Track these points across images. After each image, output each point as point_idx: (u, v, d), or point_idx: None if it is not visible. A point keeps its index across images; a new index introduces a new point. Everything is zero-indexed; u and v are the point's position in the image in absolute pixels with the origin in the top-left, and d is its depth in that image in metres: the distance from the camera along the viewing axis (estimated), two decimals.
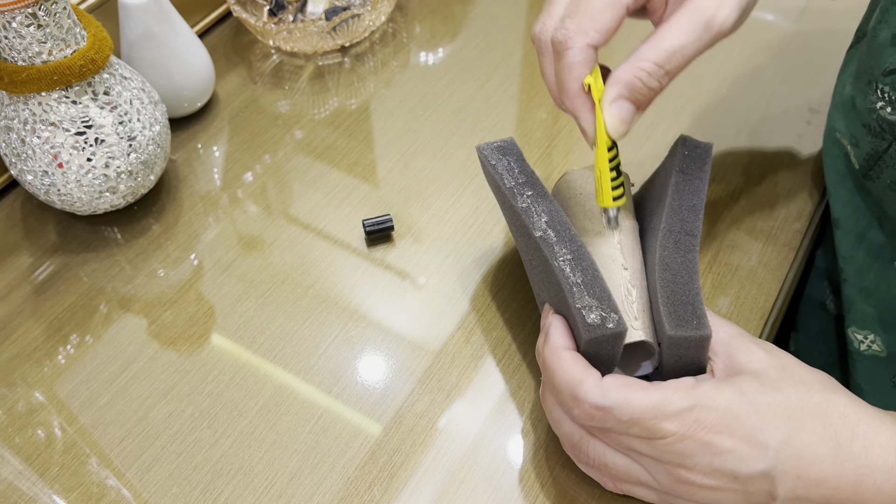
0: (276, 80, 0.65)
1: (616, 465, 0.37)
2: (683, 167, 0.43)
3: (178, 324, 0.50)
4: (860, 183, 0.51)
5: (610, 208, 0.41)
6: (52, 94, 0.46)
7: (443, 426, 0.45)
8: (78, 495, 0.43)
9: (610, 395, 0.35)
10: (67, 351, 0.49)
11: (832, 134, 0.53)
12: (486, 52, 0.67)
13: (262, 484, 0.43)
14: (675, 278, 0.38)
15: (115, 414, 0.46)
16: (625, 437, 0.36)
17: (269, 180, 0.58)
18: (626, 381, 0.36)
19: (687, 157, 0.43)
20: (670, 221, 0.41)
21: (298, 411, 0.45)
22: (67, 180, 0.48)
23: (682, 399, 0.34)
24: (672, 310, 0.37)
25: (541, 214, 0.41)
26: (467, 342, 0.48)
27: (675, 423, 0.34)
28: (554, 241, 0.40)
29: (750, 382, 0.35)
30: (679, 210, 0.41)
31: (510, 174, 0.43)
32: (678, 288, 0.38)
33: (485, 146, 0.45)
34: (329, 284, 0.51)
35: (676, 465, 0.35)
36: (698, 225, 0.40)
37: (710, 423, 0.34)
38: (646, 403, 0.34)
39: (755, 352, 0.37)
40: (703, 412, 0.34)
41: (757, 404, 0.34)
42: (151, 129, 0.51)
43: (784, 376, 0.36)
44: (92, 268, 0.53)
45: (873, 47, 0.46)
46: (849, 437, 0.34)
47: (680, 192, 0.42)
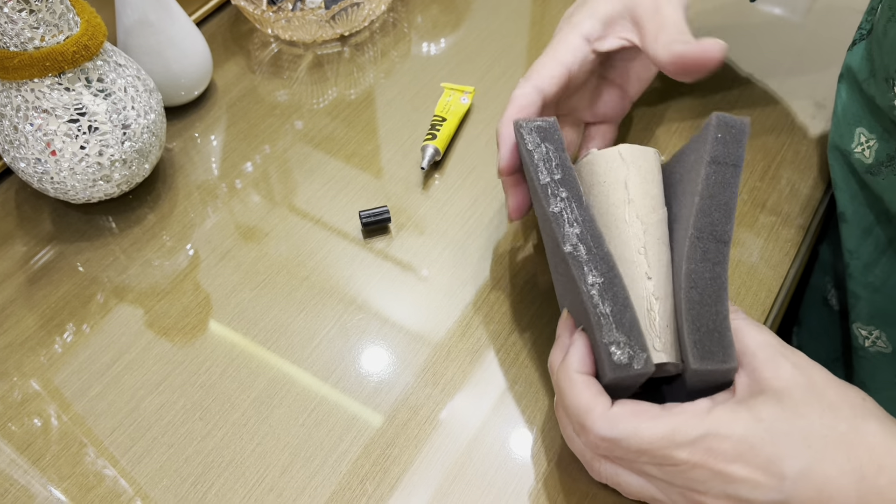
0: (275, 69, 0.65)
1: (630, 484, 0.37)
2: (716, 155, 0.38)
3: (172, 314, 0.49)
4: (864, 179, 0.50)
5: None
6: (45, 80, 0.46)
7: (438, 421, 0.44)
8: (69, 485, 0.42)
9: (618, 425, 0.34)
10: (60, 340, 0.48)
11: (838, 129, 0.52)
12: (488, 43, 0.66)
13: (253, 477, 0.42)
14: (703, 299, 0.36)
15: (106, 405, 0.45)
16: (636, 463, 0.35)
17: (266, 170, 0.57)
18: (636, 410, 0.34)
19: (720, 142, 0.39)
20: (699, 225, 0.37)
21: (291, 404, 0.45)
22: (61, 168, 0.48)
23: (694, 427, 0.33)
24: (697, 338, 0.35)
25: (573, 224, 0.38)
26: (464, 335, 0.48)
27: (687, 452, 0.33)
28: (585, 261, 0.37)
29: (770, 407, 0.33)
30: (709, 211, 0.37)
31: (546, 166, 0.39)
32: (704, 311, 0.36)
33: (524, 123, 0.41)
34: (325, 276, 0.51)
35: (691, 490, 0.34)
36: (729, 228, 0.37)
37: (723, 452, 0.33)
38: (655, 434, 0.33)
39: (782, 367, 0.35)
40: (717, 441, 0.33)
41: (775, 432, 0.33)
42: (146, 117, 0.50)
43: (810, 399, 0.33)
44: (86, 257, 0.52)
45: (885, 45, 0.46)
46: (875, 470, 0.32)
47: (711, 188, 0.38)
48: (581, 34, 0.46)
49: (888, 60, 0.45)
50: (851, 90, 0.52)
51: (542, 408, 0.44)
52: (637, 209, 0.39)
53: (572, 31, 0.46)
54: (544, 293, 0.49)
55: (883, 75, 0.46)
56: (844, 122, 0.51)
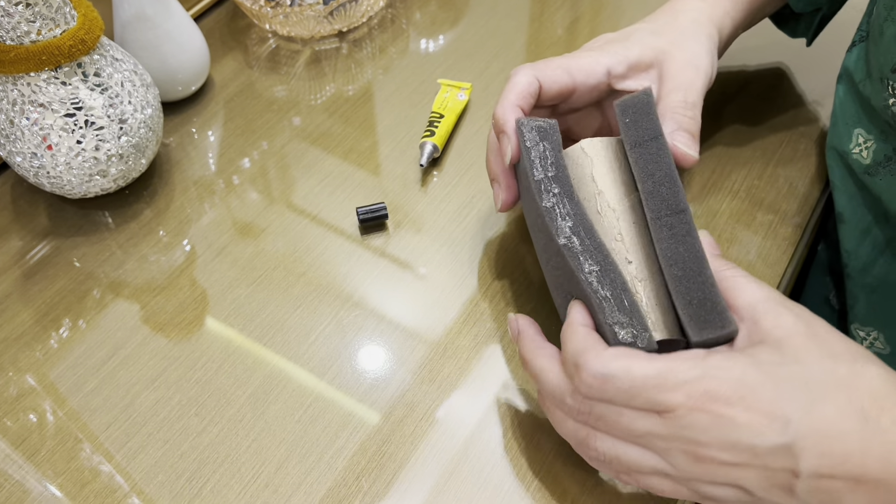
0: (273, 64, 0.64)
1: (628, 455, 0.35)
2: (633, 139, 0.40)
3: (168, 310, 0.49)
4: (863, 179, 0.50)
5: None
6: (41, 74, 0.45)
7: (434, 418, 0.44)
8: (64, 480, 0.42)
9: (610, 363, 0.34)
10: (56, 336, 0.48)
11: (836, 130, 0.52)
12: (487, 40, 0.66)
13: (248, 473, 0.42)
14: (685, 273, 0.36)
15: (101, 400, 0.45)
16: (630, 415, 0.34)
17: (263, 166, 0.57)
18: (630, 352, 0.34)
19: (629, 126, 0.40)
20: (652, 206, 0.38)
21: (287, 400, 0.45)
22: (57, 163, 0.48)
23: (689, 369, 0.33)
24: (691, 312, 0.36)
25: (565, 217, 0.38)
26: (460, 332, 0.47)
27: (682, 394, 0.32)
28: (579, 251, 0.38)
29: (768, 353, 0.33)
30: (654, 191, 0.38)
31: (542, 164, 0.40)
32: (690, 284, 0.36)
33: (526, 121, 0.41)
34: (322, 272, 0.51)
35: (691, 442, 0.33)
36: (681, 195, 0.38)
37: (722, 395, 0.32)
38: (648, 372, 0.33)
39: (783, 316, 0.34)
40: (714, 382, 0.32)
41: (774, 375, 0.32)
42: (143, 112, 0.50)
43: (810, 346, 0.33)
44: (82, 252, 0.52)
45: (881, 45, 0.46)
46: (877, 411, 0.31)
47: (645, 168, 0.39)
48: (605, 65, 0.45)
49: (883, 61, 0.45)
50: (849, 91, 0.52)
51: (538, 405, 0.44)
52: (607, 199, 0.40)
53: (599, 56, 0.46)
54: (540, 289, 0.49)
55: (878, 76, 0.46)
56: (842, 122, 0.51)
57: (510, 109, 0.43)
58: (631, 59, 0.46)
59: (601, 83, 0.46)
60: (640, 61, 0.46)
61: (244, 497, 0.41)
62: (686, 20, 0.48)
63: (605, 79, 0.46)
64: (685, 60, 0.46)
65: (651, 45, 0.46)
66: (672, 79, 0.45)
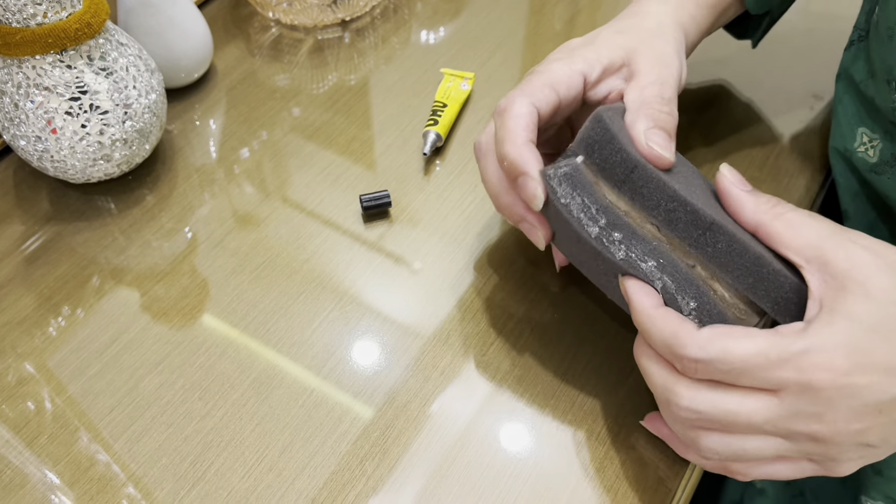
0: (275, 53, 0.64)
1: (745, 448, 0.34)
2: (614, 179, 0.37)
3: (171, 295, 0.49)
4: (867, 178, 0.50)
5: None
6: (47, 57, 0.45)
7: (437, 403, 0.44)
8: (67, 463, 0.42)
9: (706, 346, 0.32)
10: (58, 320, 0.48)
11: (839, 129, 0.52)
12: (488, 31, 0.66)
13: (252, 456, 0.42)
14: (745, 273, 0.35)
15: (105, 384, 0.45)
16: (739, 400, 0.33)
17: (265, 154, 0.57)
18: (726, 331, 0.33)
19: (604, 166, 0.37)
20: (681, 234, 0.36)
21: (291, 385, 0.45)
22: (61, 146, 0.48)
23: (791, 343, 0.31)
24: (755, 291, 0.35)
25: (645, 259, 0.36)
26: (462, 320, 0.48)
27: (792, 370, 0.31)
28: (675, 291, 0.36)
29: (861, 304, 0.32)
30: (671, 220, 0.36)
31: (588, 215, 0.37)
32: (744, 271, 0.35)
33: (551, 172, 0.38)
34: (324, 260, 0.51)
35: (813, 417, 0.32)
36: (700, 212, 0.36)
37: (836, 366, 0.31)
38: (748, 350, 0.32)
39: (856, 253, 0.33)
40: (823, 355, 0.31)
41: (878, 328, 0.31)
42: (148, 97, 0.50)
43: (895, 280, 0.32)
44: (84, 237, 0.52)
45: (889, 48, 0.45)
46: None
47: (646, 205, 0.37)
48: (581, 72, 0.43)
49: (892, 63, 0.45)
50: (849, 90, 0.52)
51: (541, 391, 0.45)
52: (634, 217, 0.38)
53: (572, 64, 0.43)
54: (546, 274, 0.50)
55: (884, 77, 0.46)
56: (845, 122, 0.51)
57: (524, 148, 0.39)
58: (603, 62, 0.44)
59: (580, 94, 0.43)
60: (611, 63, 0.44)
61: (248, 480, 0.41)
62: (651, 22, 0.46)
63: (582, 88, 0.43)
64: (655, 57, 0.44)
65: (619, 45, 0.45)
66: (644, 75, 0.43)
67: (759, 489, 0.55)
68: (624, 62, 0.44)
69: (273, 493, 0.41)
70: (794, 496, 0.53)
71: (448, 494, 0.41)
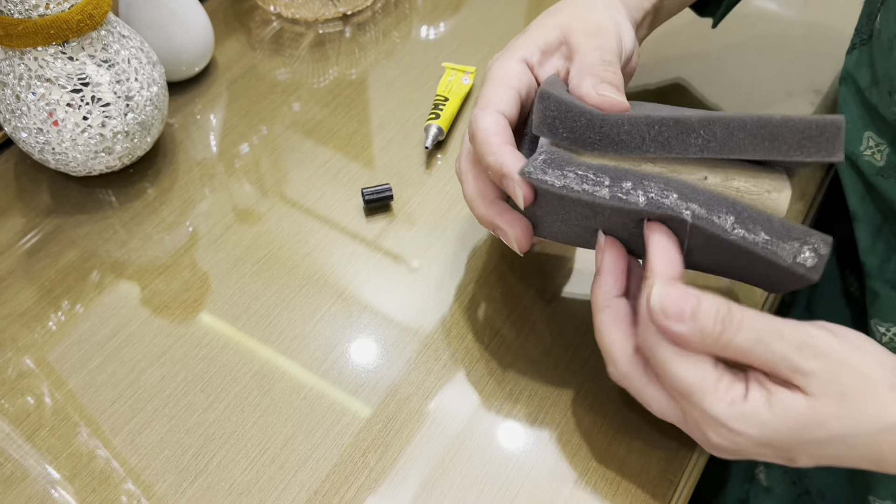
0: (276, 47, 0.64)
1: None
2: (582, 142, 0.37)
3: (173, 288, 0.49)
4: (873, 181, 0.49)
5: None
6: (49, 49, 0.45)
7: (439, 397, 0.44)
8: (67, 457, 0.42)
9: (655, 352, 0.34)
10: (59, 313, 0.48)
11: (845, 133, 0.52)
12: (489, 26, 0.66)
13: (255, 449, 0.42)
14: (750, 139, 0.35)
15: (106, 376, 0.45)
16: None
17: (266, 148, 0.57)
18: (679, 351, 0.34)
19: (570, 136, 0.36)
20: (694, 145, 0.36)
21: (293, 378, 0.45)
22: (62, 139, 0.48)
23: (715, 403, 0.33)
24: (783, 152, 0.35)
25: (665, 194, 0.35)
26: (464, 313, 0.48)
27: (701, 417, 0.34)
28: (706, 215, 0.34)
29: (796, 418, 0.33)
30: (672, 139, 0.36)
31: (590, 183, 0.35)
32: (759, 139, 0.35)
33: (530, 168, 0.36)
34: (326, 254, 0.51)
35: (710, 436, 0.35)
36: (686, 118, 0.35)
37: (742, 443, 0.34)
38: (684, 378, 0.33)
39: (813, 377, 0.33)
40: (739, 437, 0.33)
41: (795, 441, 0.33)
42: (149, 89, 0.50)
43: (842, 417, 0.33)
44: (85, 230, 0.52)
45: (890, 60, 0.45)
46: (877, 455, 0.34)
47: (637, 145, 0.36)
48: (520, 58, 0.42)
49: (893, 75, 0.45)
50: (853, 95, 0.51)
51: (543, 383, 0.45)
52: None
53: (510, 57, 0.42)
54: (548, 266, 0.50)
55: (887, 88, 0.46)
56: (851, 125, 0.51)
57: (499, 151, 0.38)
58: (539, 45, 0.43)
59: (531, 80, 0.43)
60: (547, 44, 0.43)
61: (250, 472, 0.41)
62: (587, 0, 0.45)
63: (531, 74, 0.43)
64: (590, 29, 0.42)
65: (552, 26, 0.43)
66: (582, 47, 0.42)
67: (766, 487, 0.55)
68: (561, 41, 0.43)
69: (275, 486, 0.41)
70: (799, 494, 0.53)
71: (450, 487, 0.41)
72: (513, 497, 0.41)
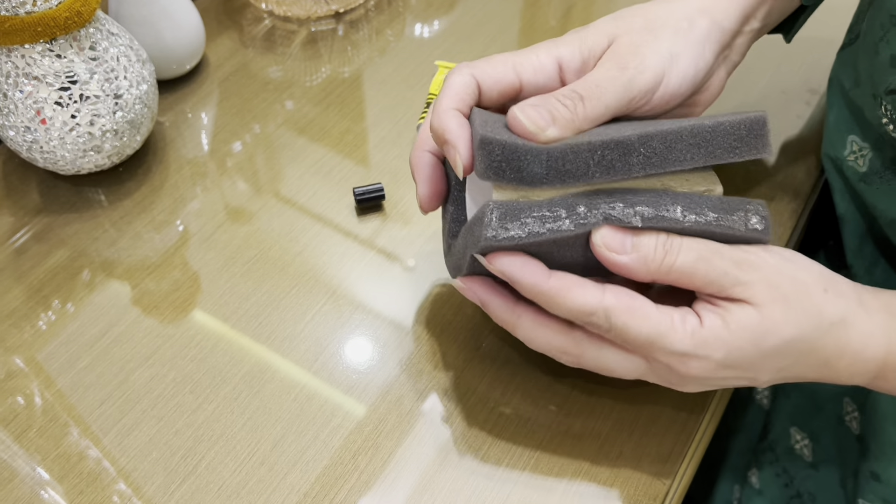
0: (268, 44, 0.64)
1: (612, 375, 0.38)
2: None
3: (162, 288, 0.48)
4: (857, 188, 0.49)
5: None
6: (36, 46, 0.45)
7: (430, 398, 0.44)
8: (55, 458, 0.42)
9: (611, 318, 0.35)
10: (47, 313, 0.47)
11: (830, 137, 0.51)
12: (483, 24, 0.66)
13: (244, 450, 0.42)
14: (688, 150, 0.36)
15: (95, 377, 0.45)
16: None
17: (257, 147, 0.57)
18: (630, 304, 0.35)
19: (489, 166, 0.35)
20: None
21: (283, 379, 0.44)
22: (51, 137, 0.47)
23: (679, 341, 0.34)
24: (719, 156, 0.37)
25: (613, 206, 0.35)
26: (456, 314, 0.47)
27: (669, 358, 0.35)
28: (653, 215, 0.35)
29: (748, 330, 0.35)
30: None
31: (551, 221, 0.35)
32: (695, 148, 0.37)
33: (492, 233, 0.34)
34: (317, 253, 0.50)
35: (675, 384, 0.38)
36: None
37: (708, 367, 0.35)
38: (640, 333, 0.34)
39: (755, 285, 0.35)
40: (703, 362, 0.35)
41: (754, 354, 0.35)
42: (139, 87, 0.50)
43: (788, 319, 0.35)
44: (75, 229, 0.51)
45: (875, 63, 0.44)
46: (837, 356, 0.36)
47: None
48: (557, 57, 0.39)
49: (878, 79, 0.44)
50: (840, 98, 0.51)
51: (535, 386, 0.44)
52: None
53: (552, 48, 0.39)
54: None
55: (871, 91, 0.45)
56: (835, 128, 0.51)
57: (445, 115, 0.37)
58: (584, 52, 0.39)
59: (552, 80, 0.39)
60: (592, 51, 0.39)
61: (239, 474, 0.41)
62: (663, 10, 0.41)
63: (556, 74, 0.39)
64: (627, 50, 0.39)
65: (606, 32, 0.40)
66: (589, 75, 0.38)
67: (758, 490, 0.55)
68: (606, 49, 0.40)
69: (265, 488, 0.41)
70: (791, 497, 0.53)
71: (441, 489, 0.41)
72: (504, 499, 0.40)
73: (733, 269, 0.34)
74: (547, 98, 0.36)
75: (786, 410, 0.56)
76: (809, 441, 0.54)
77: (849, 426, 0.52)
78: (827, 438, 0.53)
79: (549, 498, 0.41)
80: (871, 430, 0.48)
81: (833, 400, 0.53)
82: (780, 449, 0.55)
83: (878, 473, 0.47)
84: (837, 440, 0.52)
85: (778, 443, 0.55)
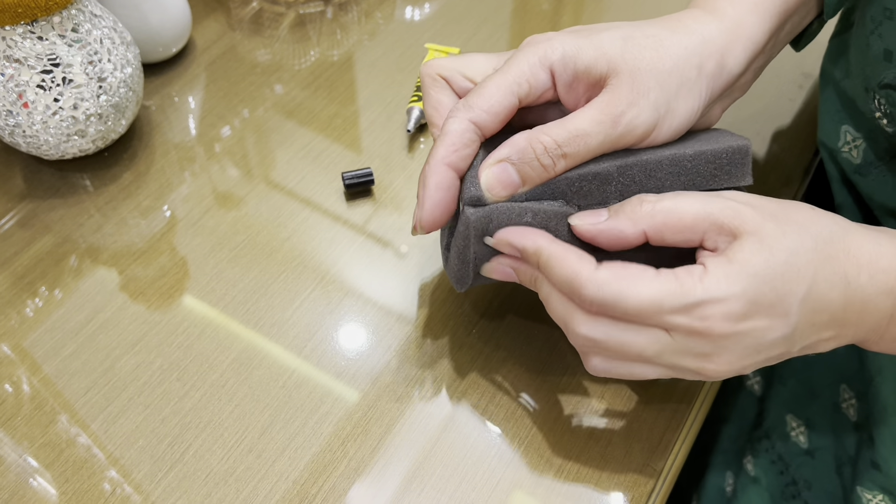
0: (256, 27, 0.63)
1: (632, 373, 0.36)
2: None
3: (149, 274, 0.48)
4: (852, 179, 0.49)
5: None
6: (17, 28, 0.44)
7: (420, 384, 0.44)
8: (41, 446, 0.41)
9: (603, 288, 0.33)
10: (32, 300, 0.47)
11: (824, 127, 0.50)
12: (474, 6, 0.65)
13: (232, 438, 0.41)
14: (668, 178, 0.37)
15: (80, 364, 0.44)
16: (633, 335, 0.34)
17: (245, 131, 0.56)
18: (624, 273, 0.33)
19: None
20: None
21: (271, 365, 0.44)
22: (33, 121, 0.46)
23: (688, 293, 0.32)
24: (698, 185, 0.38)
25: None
26: (446, 301, 0.47)
27: (686, 318, 0.33)
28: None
29: (757, 252, 0.33)
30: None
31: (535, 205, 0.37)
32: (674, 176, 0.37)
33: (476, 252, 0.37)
34: (306, 237, 0.50)
35: (703, 359, 0.34)
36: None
37: (731, 315, 0.33)
38: (642, 297, 0.33)
39: (739, 209, 0.34)
40: (721, 306, 0.33)
41: (770, 278, 0.33)
42: (123, 70, 0.49)
43: (785, 231, 0.34)
44: (59, 215, 0.51)
45: (867, 56, 0.43)
46: (855, 271, 0.35)
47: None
48: (549, 65, 0.37)
49: (870, 72, 0.43)
50: (832, 88, 0.50)
51: (525, 372, 0.44)
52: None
53: (547, 53, 0.37)
54: None
55: (862, 84, 0.45)
56: (829, 118, 0.50)
57: (434, 169, 0.37)
58: (579, 65, 0.37)
59: (546, 90, 0.38)
60: (588, 73, 0.37)
61: (227, 462, 0.41)
62: (675, 46, 0.38)
63: (549, 82, 0.38)
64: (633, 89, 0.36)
65: (608, 56, 0.37)
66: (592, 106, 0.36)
67: (753, 477, 0.54)
68: (603, 77, 0.37)
69: (253, 475, 0.40)
70: (787, 485, 0.53)
71: (431, 476, 0.40)
72: (494, 486, 0.40)
73: (715, 198, 0.34)
74: (525, 151, 0.36)
75: (782, 397, 0.55)
76: (805, 428, 0.54)
77: (845, 413, 0.52)
78: (823, 426, 0.53)
79: (539, 484, 0.40)
80: (873, 419, 0.48)
81: (830, 387, 0.53)
82: (775, 436, 0.55)
83: (878, 463, 0.47)
84: (833, 427, 0.52)
85: (774, 430, 0.55)
